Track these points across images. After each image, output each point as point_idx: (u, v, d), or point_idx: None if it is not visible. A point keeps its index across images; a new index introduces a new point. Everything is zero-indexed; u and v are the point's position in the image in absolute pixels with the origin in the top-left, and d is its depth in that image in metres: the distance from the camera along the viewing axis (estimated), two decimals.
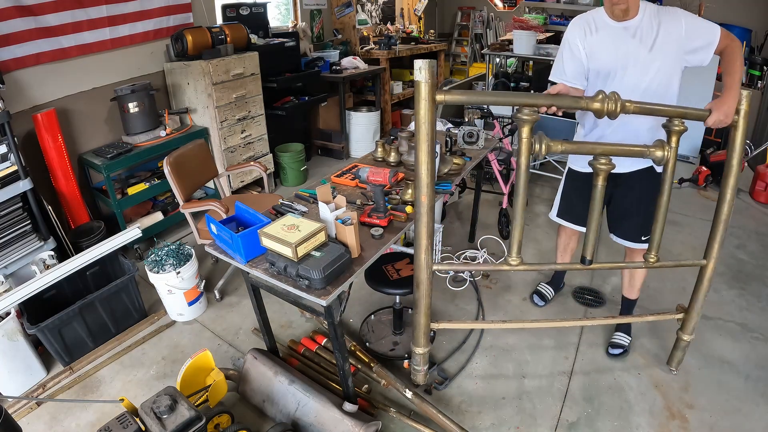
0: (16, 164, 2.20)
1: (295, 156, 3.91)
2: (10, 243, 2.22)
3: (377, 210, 1.67)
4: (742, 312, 2.36)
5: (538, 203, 3.60)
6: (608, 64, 1.67)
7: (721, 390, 1.91)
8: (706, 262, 1.71)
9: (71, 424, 1.82)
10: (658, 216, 1.50)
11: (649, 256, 1.58)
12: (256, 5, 3.79)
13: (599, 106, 1.30)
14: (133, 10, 2.98)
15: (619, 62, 1.65)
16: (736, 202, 1.61)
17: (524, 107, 1.26)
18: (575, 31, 1.74)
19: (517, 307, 2.44)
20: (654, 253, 1.57)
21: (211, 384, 1.69)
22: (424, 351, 1.57)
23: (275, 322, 2.22)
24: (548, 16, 5.16)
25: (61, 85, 2.75)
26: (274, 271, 1.42)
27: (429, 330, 1.55)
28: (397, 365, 2.05)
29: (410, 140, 2.11)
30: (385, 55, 4.66)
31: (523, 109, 1.25)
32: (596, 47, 1.69)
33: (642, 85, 1.63)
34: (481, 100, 1.48)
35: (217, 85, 3.10)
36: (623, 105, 1.30)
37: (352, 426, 1.56)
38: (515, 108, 1.33)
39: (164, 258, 2.24)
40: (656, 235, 1.53)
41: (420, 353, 1.57)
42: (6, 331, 1.89)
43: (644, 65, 1.62)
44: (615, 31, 1.64)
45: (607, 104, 1.29)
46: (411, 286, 1.88)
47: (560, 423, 1.79)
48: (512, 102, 1.38)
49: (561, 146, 1.34)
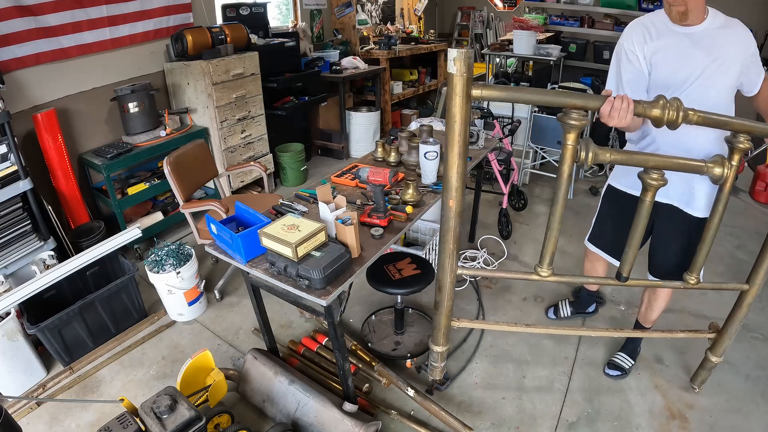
0: (16, 164, 2.20)
1: (295, 156, 3.91)
2: (10, 243, 2.22)
3: (377, 210, 1.67)
4: None
5: (538, 203, 3.60)
6: (670, 77, 1.46)
7: (721, 390, 1.91)
8: (749, 287, 1.55)
9: (71, 424, 1.82)
10: (706, 235, 1.37)
11: (690, 277, 1.45)
12: (256, 5, 3.79)
13: (658, 113, 1.13)
14: (133, 10, 2.98)
15: (682, 74, 1.45)
16: (735, 202, 1.59)
17: (572, 110, 1.10)
18: (633, 37, 1.52)
19: (517, 308, 2.44)
20: (695, 274, 1.45)
21: (211, 384, 1.69)
22: (443, 349, 1.59)
23: (275, 322, 2.22)
24: (548, 16, 5.16)
25: (61, 85, 2.75)
26: (274, 271, 1.42)
27: (449, 330, 1.55)
28: (399, 365, 2.05)
29: (410, 140, 2.11)
30: (385, 55, 4.66)
31: (571, 112, 1.09)
32: (658, 56, 1.48)
33: (707, 103, 1.34)
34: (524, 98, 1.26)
35: (217, 85, 3.10)
36: (686, 114, 1.14)
37: (352, 426, 1.56)
38: (563, 110, 1.14)
39: (164, 258, 2.24)
40: (701, 255, 1.40)
41: (439, 351, 1.60)
42: (6, 331, 1.89)
43: (711, 80, 1.43)
44: (678, 38, 1.45)
45: (667, 112, 1.13)
46: (413, 285, 1.89)
47: (560, 423, 1.79)
48: (560, 102, 1.14)
49: (609, 155, 1.19)
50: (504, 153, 3.29)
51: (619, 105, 1.12)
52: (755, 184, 3.59)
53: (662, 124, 1.15)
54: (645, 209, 1.28)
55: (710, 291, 2.44)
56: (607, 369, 2.01)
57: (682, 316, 2.33)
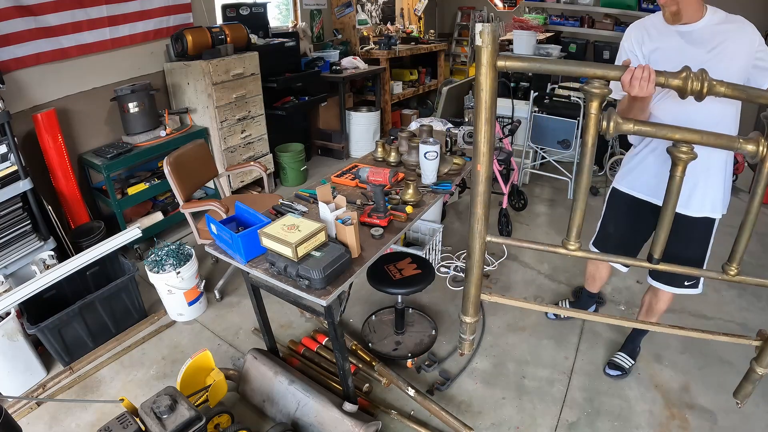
0: (16, 164, 2.20)
1: (295, 156, 3.91)
2: (10, 243, 2.22)
3: (377, 210, 1.67)
4: (742, 312, 2.36)
5: (538, 203, 3.60)
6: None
7: (721, 390, 1.91)
8: None
9: (71, 424, 1.82)
10: (746, 221, 1.31)
11: (730, 267, 1.39)
12: (256, 5, 3.79)
13: (680, 84, 1.09)
14: (133, 10, 2.98)
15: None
16: (735, 202, 1.57)
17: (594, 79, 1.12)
18: (632, 37, 1.56)
19: (517, 308, 2.43)
20: (735, 264, 1.38)
21: (211, 384, 1.69)
22: (472, 320, 1.55)
23: (275, 322, 2.22)
24: (548, 16, 5.16)
25: (61, 85, 2.75)
26: (274, 271, 1.42)
27: (479, 300, 1.53)
28: (399, 365, 2.05)
29: (410, 140, 2.11)
30: (385, 55, 4.66)
31: (593, 81, 1.12)
32: (655, 54, 1.50)
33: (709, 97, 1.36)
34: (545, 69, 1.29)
35: (217, 85, 3.10)
36: (711, 85, 1.08)
37: (352, 426, 1.56)
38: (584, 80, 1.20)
39: (164, 258, 2.24)
40: (741, 245, 1.34)
41: (468, 322, 1.56)
42: (6, 331, 1.89)
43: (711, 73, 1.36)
44: (676, 36, 1.47)
45: (691, 82, 1.08)
46: (413, 285, 1.89)
47: (560, 423, 1.79)
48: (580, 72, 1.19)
49: (632, 126, 1.17)
50: (504, 153, 3.29)
51: (640, 73, 1.12)
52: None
53: (686, 95, 1.11)
54: (675, 186, 1.22)
55: (710, 292, 2.44)
56: (607, 369, 2.01)
57: (683, 316, 2.33)
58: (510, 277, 2.66)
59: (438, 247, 2.78)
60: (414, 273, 1.95)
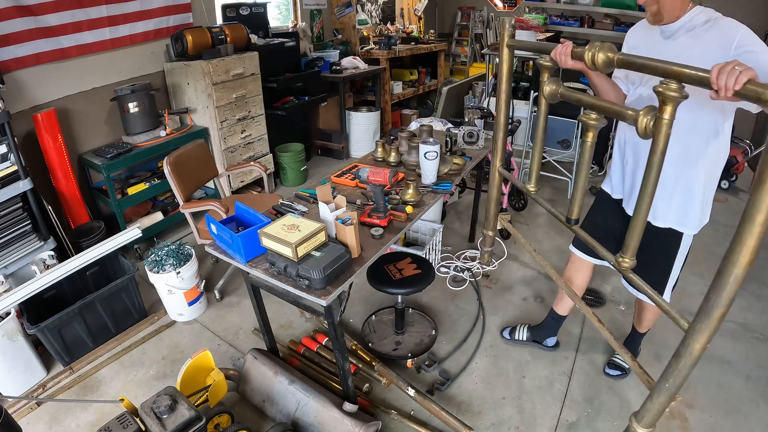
0: (16, 164, 2.20)
1: (295, 156, 3.91)
2: (10, 243, 2.22)
3: (377, 210, 1.67)
4: (742, 312, 2.36)
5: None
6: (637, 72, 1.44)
7: (721, 390, 1.91)
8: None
9: (71, 424, 1.82)
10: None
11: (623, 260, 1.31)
12: (256, 5, 3.79)
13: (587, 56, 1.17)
14: (133, 10, 2.98)
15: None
16: (735, 202, 1.57)
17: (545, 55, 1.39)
18: (626, 38, 1.64)
19: (518, 308, 2.44)
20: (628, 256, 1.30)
21: (211, 384, 1.69)
22: (492, 233, 1.77)
23: (275, 322, 2.22)
24: (548, 16, 5.16)
25: (61, 85, 2.75)
26: (274, 271, 1.42)
27: (497, 218, 1.77)
28: (399, 365, 2.05)
29: (410, 140, 2.11)
30: (385, 55, 4.66)
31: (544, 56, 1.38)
32: (632, 51, 1.49)
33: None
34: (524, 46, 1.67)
35: (217, 85, 3.10)
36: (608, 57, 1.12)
37: (352, 426, 1.56)
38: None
39: (164, 258, 2.24)
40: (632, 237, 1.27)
41: (490, 234, 1.79)
42: (6, 331, 1.89)
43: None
44: (652, 35, 1.51)
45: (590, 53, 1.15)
46: (413, 285, 1.89)
47: (560, 423, 1.79)
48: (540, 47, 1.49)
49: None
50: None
51: (560, 49, 1.33)
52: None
53: (593, 68, 1.18)
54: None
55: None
56: (607, 369, 2.01)
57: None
58: (510, 277, 2.66)
59: (438, 247, 2.78)
60: (414, 273, 1.95)
